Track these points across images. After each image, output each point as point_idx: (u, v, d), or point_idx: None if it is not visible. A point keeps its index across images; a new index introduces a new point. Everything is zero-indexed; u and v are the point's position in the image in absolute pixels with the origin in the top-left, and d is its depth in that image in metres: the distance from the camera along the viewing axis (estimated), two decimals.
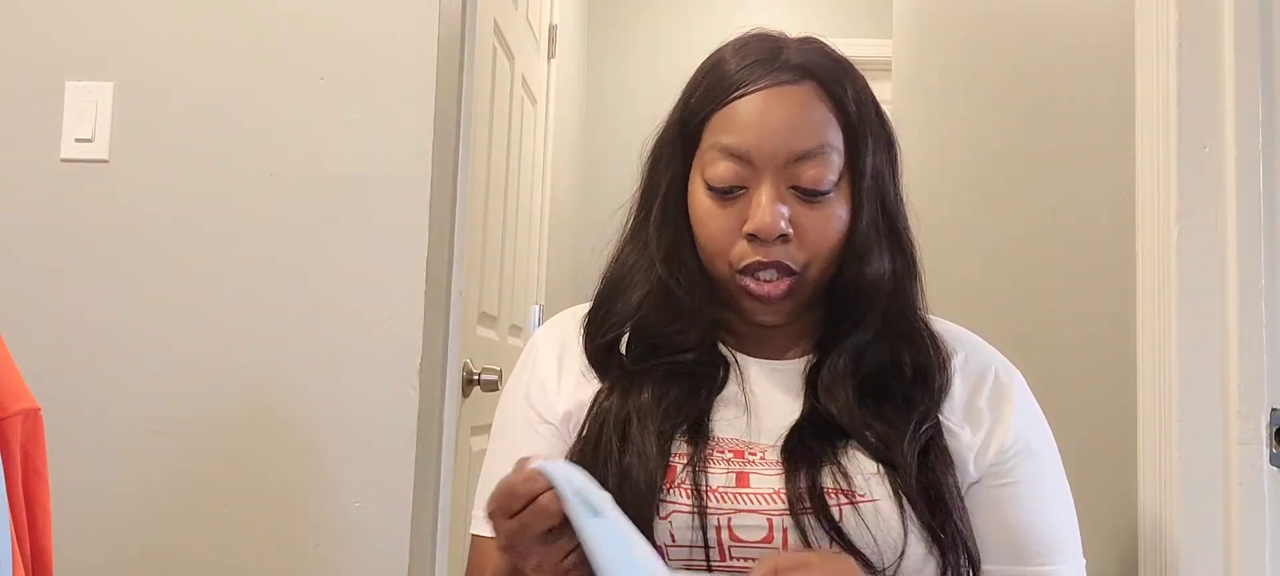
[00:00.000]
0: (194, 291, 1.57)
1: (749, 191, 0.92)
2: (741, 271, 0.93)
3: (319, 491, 1.53)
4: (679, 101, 0.99)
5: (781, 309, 0.95)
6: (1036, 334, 1.57)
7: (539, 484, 0.78)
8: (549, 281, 2.81)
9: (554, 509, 0.77)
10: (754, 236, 0.91)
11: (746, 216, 0.91)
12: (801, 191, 0.91)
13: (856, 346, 0.95)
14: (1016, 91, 1.77)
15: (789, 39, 0.98)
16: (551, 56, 2.80)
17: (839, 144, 0.93)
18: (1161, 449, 1.26)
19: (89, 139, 1.59)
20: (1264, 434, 1.20)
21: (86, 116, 1.59)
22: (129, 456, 1.55)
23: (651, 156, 1.01)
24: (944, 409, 0.94)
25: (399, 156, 1.56)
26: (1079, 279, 1.55)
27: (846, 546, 0.86)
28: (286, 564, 1.53)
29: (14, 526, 0.96)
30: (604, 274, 1.03)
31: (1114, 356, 1.40)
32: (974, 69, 1.94)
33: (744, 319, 0.98)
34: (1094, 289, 1.51)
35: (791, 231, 0.91)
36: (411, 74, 1.57)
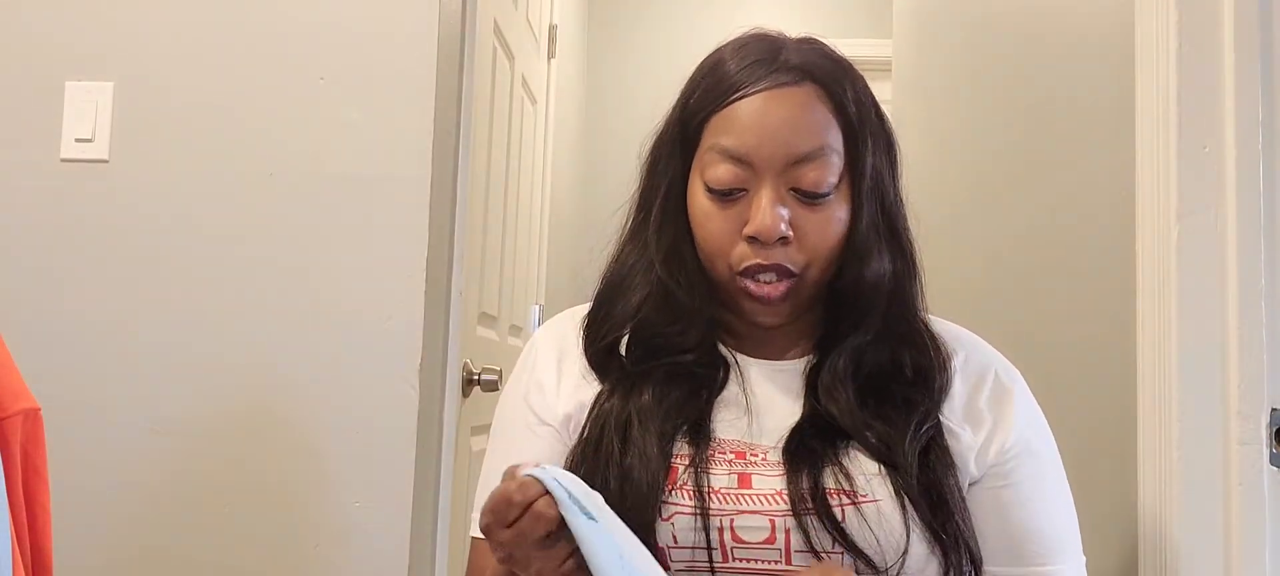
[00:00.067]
0: (194, 291, 1.57)
1: (749, 193, 0.92)
2: (741, 273, 0.93)
3: (319, 491, 1.53)
4: (678, 102, 0.99)
5: (781, 310, 0.95)
6: (1036, 334, 1.57)
7: (533, 490, 0.78)
8: (549, 281, 2.81)
9: (551, 513, 0.77)
10: (754, 239, 0.91)
11: (746, 218, 0.91)
12: (801, 193, 0.91)
13: (856, 347, 0.95)
14: (1016, 91, 1.76)
15: (788, 39, 0.97)
16: (551, 56, 2.80)
17: (839, 145, 0.92)
18: (1161, 449, 1.26)
19: (89, 139, 1.59)
20: (1264, 434, 1.21)
21: (86, 116, 1.59)
22: (129, 456, 1.55)
23: (651, 157, 1.01)
24: (944, 409, 0.94)
25: (399, 156, 1.56)
26: (1079, 279, 1.55)
27: (849, 546, 0.86)
28: (286, 564, 1.53)
29: (14, 526, 0.96)
30: (603, 275, 1.02)
31: (1114, 356, 1.40)
32: (974, 69, 1.94)
33: (744, 320, 0.98)
34: (1094, 289, 1.51)
35: (791, 233, 0.91)
36: (411, 74, 1.57)
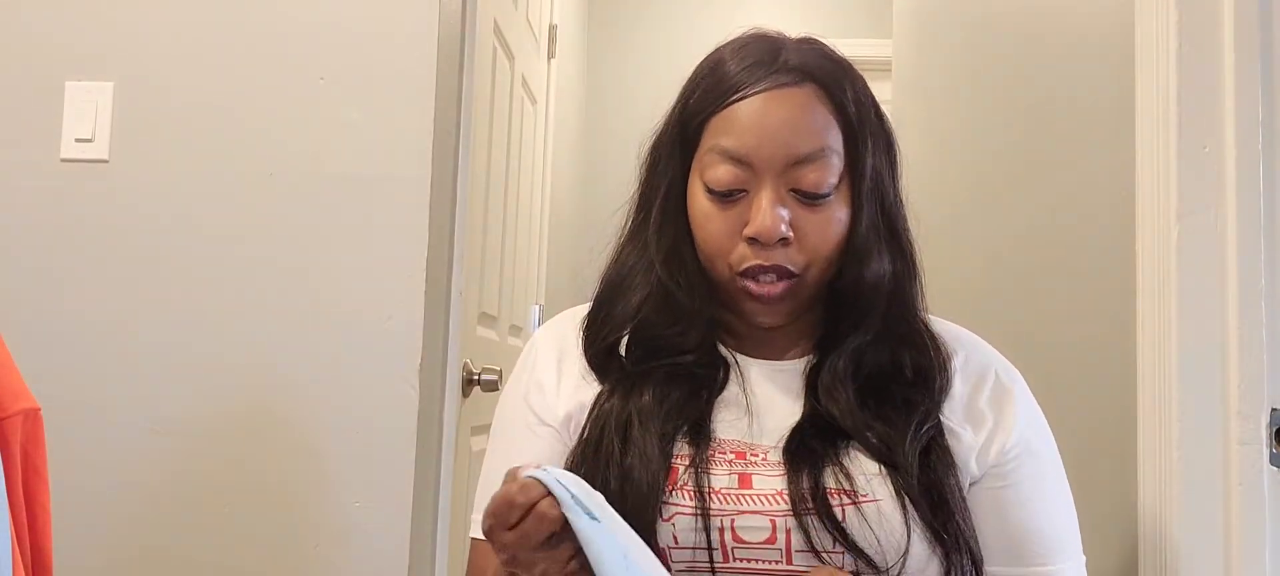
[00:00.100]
0: (194, 291, 1.57)
1: (749, 194, 0.92)
2: (741, 273, 0.93)
3: (319, 491, 1.53)
4: (677, 102, 0.99)
5: (781, 310, 0.95)
6: (1036, 334, 1.57)
7: (536, 491, 0.77)
8: (549, 281, 2.81)
9: (554, 514, 0.77)
10: (754, 240, 0.91)
11: (746, 219, 0.91)
12: (802, 194, 0.91)
13: (856, 348, 0.95)
14: (1016, 91, 1.76)
15: (788, 40, 0.97)
16: (551, 56, 2.80)
17: (839, 146, 0.92)
18: (1161, 449, 1.26)
19: (89, 139, 1.59)
20: (1264, 434, 1.20)
21: (86, 116, 1.59)
22: (129, 456, 1.55)
23: (650, 157, 1.01)
24: (945, 409, 0.94)
25: (399, 156, 1.56)
26: (1079, 279, 1.55)
27: (850, 546, 0.86)
28: (286, 564, 1.53)
29: (14, 526, 0.96)
30: (603, 275, 1.02)
31: (1114, 356, 1.40)
32: (974, 69, 1.94)
33: (744, 320, 0.98)
34: (1094, 289, 1.51)
35: (792, 234, 0.91)
36: (411, 74, 1.57)
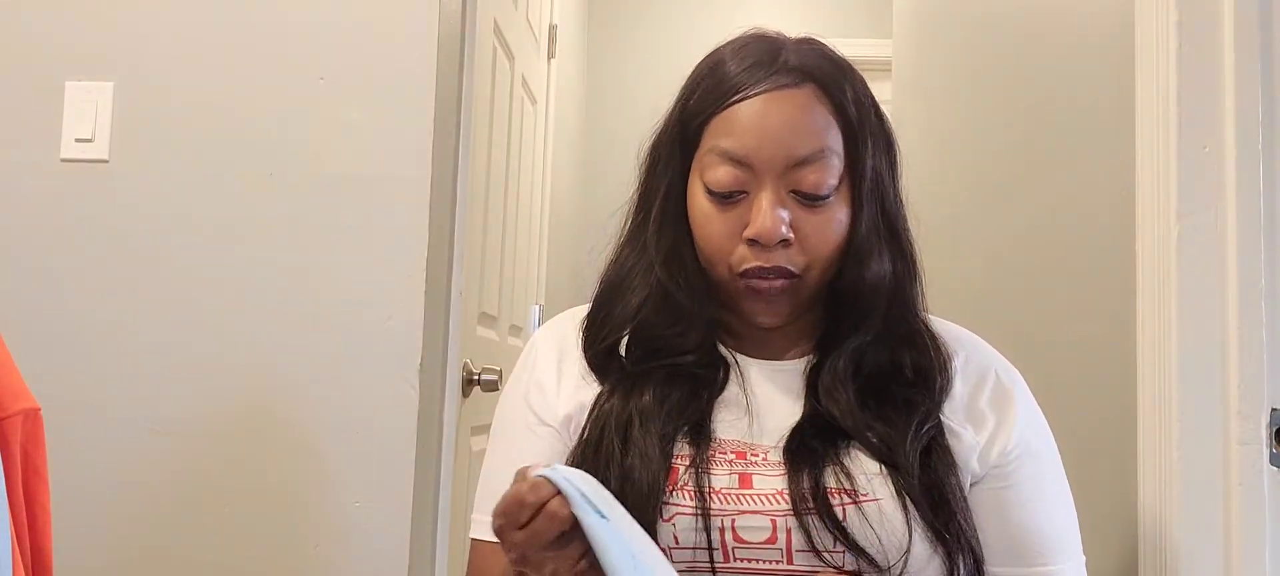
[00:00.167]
0: (194, 291, 1.57)
1: (749, 196, 0.92)
2: (742, 274, 0.93)
3: (319, 491, 1.53)
4: (677, 103, 0.98)
5: (781, 311, 0.95)
6: (1036, 334, 1.57)
7: (546, 490, 0.77)
8: (549, 281, 2.81)
9: (565, 514, 0.77)
10: (754, 241, 0.91)
11: (747, 221, 0.91)
12: (802, 196, 0.91)
13: (857, 348, 0.95)
14: (1016, 91, 1.76)
15: (788, 40, 0.97)
16: (551, 56, 2.80)
17: (839, 147, 0.92)
18: (1161, 449, 1.26)
19: (89, 139, 1.59)
20: (1264, 434, 1.20)
21: (86, 116, 1.59)
22: (129, 456, 1.55)
23: (649, 158, 1.01)
24: (945, 409, 0.94)
25: (399, 156, 1.56)
26: (1079, 279, 1.55)
27: (850, 545, 0.86)
28: (286, 564, 1.53)
29: (14, 526, 0.96)
30: (602, 276, 1.02)
31: (1114, 356, 1.40)
32: (974, 69, 1.94)
33: (744, 320, 0.97)
34: (1094, 289, 1.51)
35: (792, 236, 0.91)
36: (411, 74, 1.57)
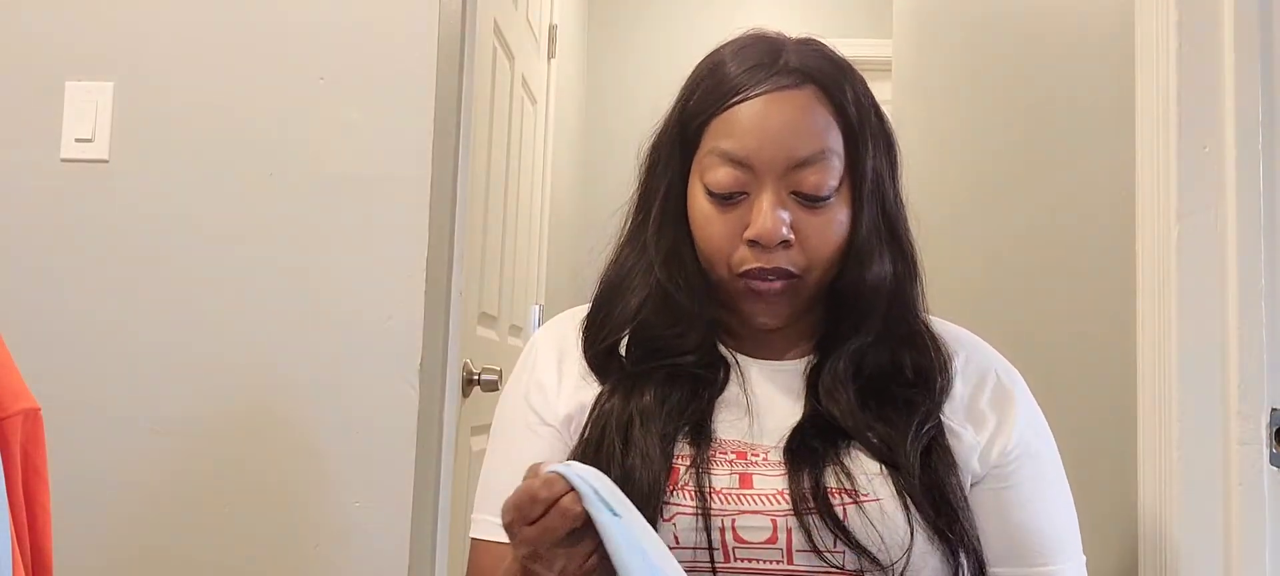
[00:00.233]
0: (194, 291, 1.57)
1: (749, 197, 0.91)
2: (742, 275, 0.93)
3: (319, 491, 1.53)
4: (677, 103, 0.98)
5: (781, 311, 0.95)
6: (1036, 334, 1.57)
7: (559, 486, 0.77)
8: (549, 281, 2.81)
9: (577, 510, 0.77)
10: (755, 242, 0.91)
11: (747, 222, 0.91)
12: (802, 197, 0.91)
13: (857, 349, 0.95)
14: (1016, 91, 1.76)
15: (788, 40, 0.97)
16: (551, 56, 2.80)
17: (839, 148, 0.92)
18: (1161, 449, 1.26)
19: (89, 139, 1.59)
20: (1264, 434, 1.20)
21: (86, 116, 1.59)
22: (129, 456, 1.55)
23: (649, 158, 1.00)
24: (945, 410, 0.94)
25: (399, 156, 1.56)
26: (1079, 279, 1.55)
27: (851, 544, 0.86)
28: (286, 564, 1.53)
29: (14, 526, 0.96)
30: (602, 277, 1.02)
31: (1114, 356, 1.40)
32: (974, 69, 1.94)
33: (744, 321, 0.97)
34: (1094, 289, 1.51)
35: (793, 237, 0.91)
36: (411, 74, 1.57)
